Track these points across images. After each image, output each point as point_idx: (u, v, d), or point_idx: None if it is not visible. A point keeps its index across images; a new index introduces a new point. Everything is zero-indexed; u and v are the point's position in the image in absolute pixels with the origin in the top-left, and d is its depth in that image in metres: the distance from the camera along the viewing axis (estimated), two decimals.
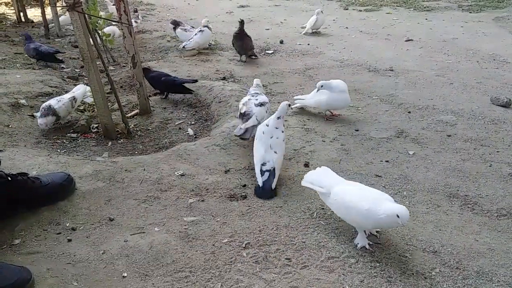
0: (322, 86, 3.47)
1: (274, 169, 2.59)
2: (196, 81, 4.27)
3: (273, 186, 2.55)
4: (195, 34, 5.67)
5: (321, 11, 6.72)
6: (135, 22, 7.14)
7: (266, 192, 2.54)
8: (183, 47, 5.67)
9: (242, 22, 5.35)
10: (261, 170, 2.59)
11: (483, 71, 4.85)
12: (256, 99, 3.14)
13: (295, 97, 3.82)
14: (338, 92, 3.50)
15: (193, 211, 2.38)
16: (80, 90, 3.88)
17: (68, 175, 2.50)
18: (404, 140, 3.25)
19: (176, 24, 6.15)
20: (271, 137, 2.66)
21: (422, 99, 4.03)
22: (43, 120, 3.40)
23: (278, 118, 2.70)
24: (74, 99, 3.68)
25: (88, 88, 3.82)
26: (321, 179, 2.30)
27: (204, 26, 5.79)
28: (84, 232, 2.20)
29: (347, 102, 3.57)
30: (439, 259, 2.03)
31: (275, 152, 2.64)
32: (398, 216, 1.90)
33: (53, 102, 3.50)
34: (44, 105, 3.49)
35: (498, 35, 6.38)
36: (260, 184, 2.56)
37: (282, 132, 2.69)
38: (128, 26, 3.61)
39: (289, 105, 2.74)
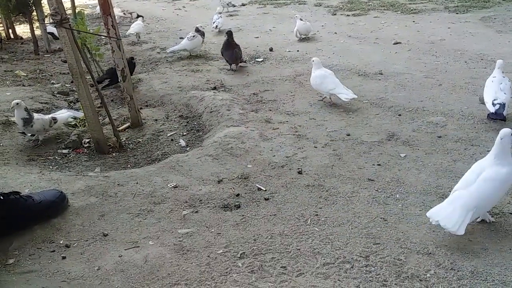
0: None
1: (504, 104, 3.44)
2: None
3: (504, 113, 3.42)
4: (185, 40, 5.89)
5: (300, 18, 6.77)
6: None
7: (498, 115, 3.42)
8: (170, 51, 5.97)
9: (229, 33, 5.37)
10: (492, 103, 3.48)
11: (471, 71, 4.89)
12: None
13: None
14: None
15: (187, 223, 2.37)
16: (64, 114, 3.88)
17: (61, 192, 2.49)
18: (395, 143, 3.27)
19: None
20: (501, 83, 3.59)
21: (412, 101, 4.06)
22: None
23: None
24: (54, 119, 3.65)
25: (71, 114, 3.88)
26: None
27: (197, 31, 5.86)
28: (78, 248, 2.19)
29: None
30: (433, 261, 2.04)
31: (504, 93, 3.50)
32: None
33: (35, 114, 3.53)
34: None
35: (485, 35, 6.44)
36: (492, 111, 3.44)
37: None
38: (117, 40, 3.62)
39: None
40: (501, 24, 7.05)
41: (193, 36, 5.93)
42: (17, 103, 3.38)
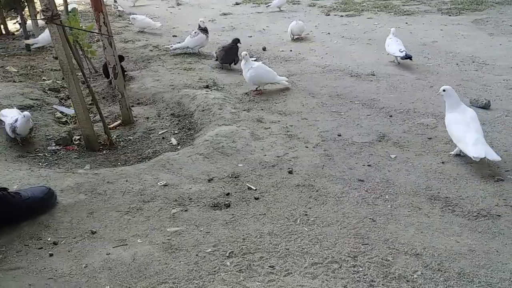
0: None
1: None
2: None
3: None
4: (189, 37, 5.96)
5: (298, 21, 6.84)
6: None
7: (408, 56, 5.01)
8: (172, 49, 5.99)
9: (237, 40, 5.43)
10: (399, 51, 5.19)
11: (463, 73, 4.92)
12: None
13: None
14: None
15: (176, 221, 2.37)
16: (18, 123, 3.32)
17: (49, 188, 2.47)
18: (385, 144, 3.29)
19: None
20: (397, 41, 5.32)
21: (403, 103, 4.08)
22: None
23: None
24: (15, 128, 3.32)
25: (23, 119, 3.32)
26: None
27: (199, 29, 5.86)
28: (66, 246, 2.17)
29: None
30: (421, 262, 2.05)
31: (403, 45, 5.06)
32: None
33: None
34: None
35: (477, 38, 6.49)
36: (403, 55, 5.07)
37: None
38: (108, 37, 3.60)
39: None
40: (493, 27, 7.12)
41: (195, 33, 5.97)
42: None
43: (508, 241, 2.19)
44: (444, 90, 3.15)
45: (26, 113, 3.35)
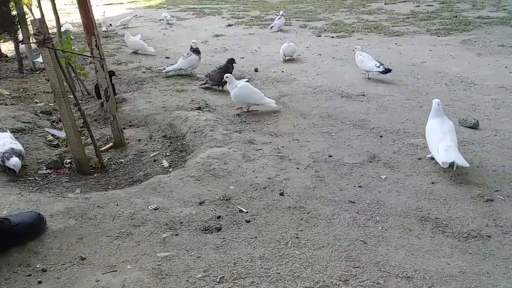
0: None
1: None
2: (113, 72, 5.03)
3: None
4: (181, 59, 5.99)
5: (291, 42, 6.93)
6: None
7: (387, 69, 5.35)
8: (165, 71, 6.03)
9: (232, 61, 5.48)
10: (376, 66, 5.39)
11: (452, 93, 4.99)
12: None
13: None
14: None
15: (167, 246, 2.35)
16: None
17: (39, 214, 2.46)
18: (376, 165, 3.31)
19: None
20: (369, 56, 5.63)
21: (393, 123, 4.12)
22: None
23: None
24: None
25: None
26: None
27: (192, 50, 5.93)
28: (55, 273, 2.15)
29: None
30: (412, 285, 2.05)
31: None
32: None
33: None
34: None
35: (466, 58, 6.60)
36: (382, 69, 5.38)
37: None
38: (100, 60, 3.63)
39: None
40: (481, 47, 7.23)
41: (187, 54, 6.01)
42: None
43: (498, 262, 2.20)
44: (438, 104, 3.45)
45: (16, 160, 3.22)
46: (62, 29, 6.12)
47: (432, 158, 3.30)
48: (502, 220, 2.55)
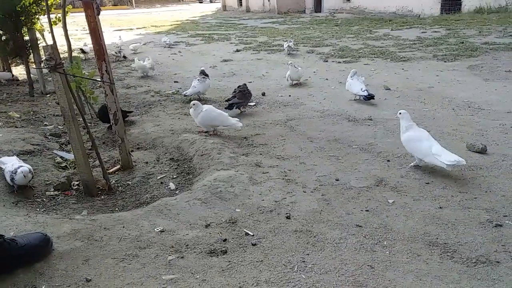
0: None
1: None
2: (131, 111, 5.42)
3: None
4: (197, 82, 6.14)
5: (294, 65, 6.97)
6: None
7: (371, 95, 5.59)
8: (184, 94, 6.09)
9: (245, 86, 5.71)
10: (361, 90, 5.69)
11: (459, 118, 4.99)
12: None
13: None
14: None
15: (172, 269, 2.34)
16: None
17: (45, 235, 2.46)
18: (383, 189, 3.29)
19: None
20: (358, 80, 5.90)
21: (401, 147, 4.08)
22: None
23: None
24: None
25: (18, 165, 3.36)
26: None
27: (202, 75, 6.20)
28: None
29: None
30: None
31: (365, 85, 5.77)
32: None
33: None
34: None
35: (473, 83, 6.61)
36: (366, 94, 5.59)
37: None
38: (110, 85, 3.69)
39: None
40: (488, 73, 7.26)
41: (203, 78, 6.20)
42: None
43: None
44: (400, 113, 3.79)
45: (25, 168, 3.29)
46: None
47: (415, 166, 3.56)
48: (511, 245, 2.51)
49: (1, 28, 6.94)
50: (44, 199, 3.38)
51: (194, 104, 4.61)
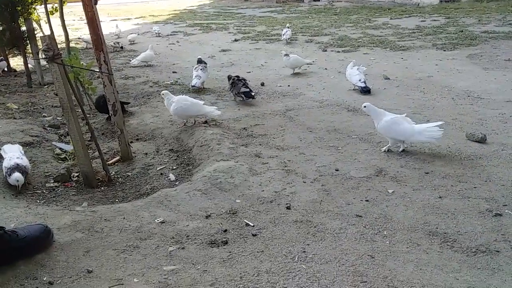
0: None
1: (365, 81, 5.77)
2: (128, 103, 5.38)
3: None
4: (201, 72, 6.15)
5: (285, 54, 7.00)
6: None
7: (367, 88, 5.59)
8: (192, 85, 6.06)
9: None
10: (359, 81, 5.73)
11: (458, 107, 4.98)
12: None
13: None
14: None
15: (173, 260, 2.35)
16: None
17: (46, 226, 2.47)
18: (383, 179, 3.30)
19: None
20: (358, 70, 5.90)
21: None
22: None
23: None
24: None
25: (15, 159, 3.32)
26: None
27: (203, 64, 6.28)
28: (62, 286, 2.15)
29: None
30: None
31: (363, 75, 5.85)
32: None
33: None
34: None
35: (472, 72, 6.60)
36: (363, 86, 5.64)
37: None
38: (108, 75, 3.67)
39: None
40: (487, 61, 7.24)
41: (205, 67, 6.25)
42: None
43: (507, 277, 2.17)
44: (365, 106, 3.87)
45: (18, 175, 3.19)
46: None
47: (388, 150, 3.74)
48: (510, 234, 2.52)
49: None
50: (44, 191, 3.38)
51: (163, 94, 4.44)
